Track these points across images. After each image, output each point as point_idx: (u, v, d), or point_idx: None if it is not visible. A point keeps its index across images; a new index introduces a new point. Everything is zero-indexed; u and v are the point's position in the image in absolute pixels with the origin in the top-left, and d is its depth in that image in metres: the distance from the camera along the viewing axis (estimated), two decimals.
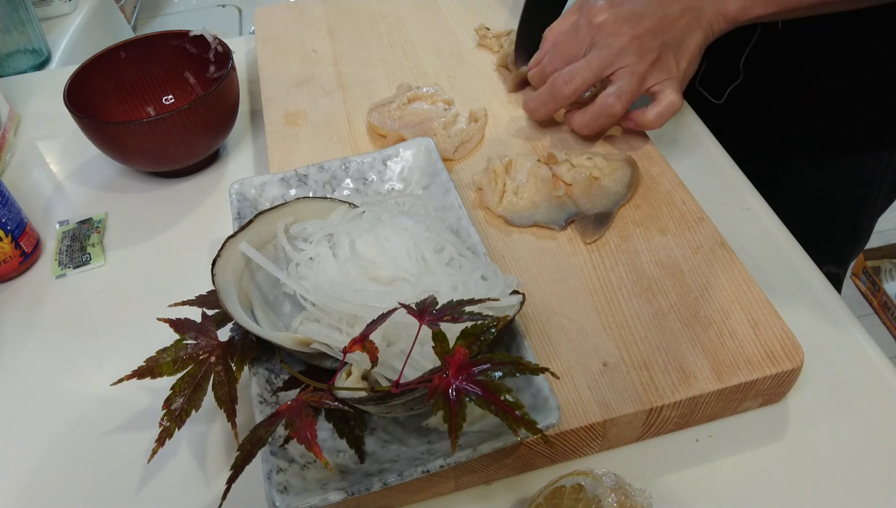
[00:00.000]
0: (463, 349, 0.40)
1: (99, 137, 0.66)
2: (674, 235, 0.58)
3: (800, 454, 0.48)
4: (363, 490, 0.40)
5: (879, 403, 0.50)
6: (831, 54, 0.73)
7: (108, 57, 0.73)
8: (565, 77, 0.63)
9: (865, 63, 0.73)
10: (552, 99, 0.65)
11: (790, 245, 0.61)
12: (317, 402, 0.43)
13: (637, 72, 0.61)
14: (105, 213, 0.70)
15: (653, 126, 0.64)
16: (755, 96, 0.79)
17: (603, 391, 0.48)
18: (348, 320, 0.46)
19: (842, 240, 0.87)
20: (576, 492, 0.42)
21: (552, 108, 0.66)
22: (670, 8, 0.61)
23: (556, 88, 0.64)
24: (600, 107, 0.62)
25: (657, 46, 0.61)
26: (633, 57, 0.60)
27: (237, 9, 1.88)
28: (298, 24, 0.86)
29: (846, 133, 0.78)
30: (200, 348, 0.47)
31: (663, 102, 0.62)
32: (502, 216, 0.60)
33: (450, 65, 0.79)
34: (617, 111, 0.62)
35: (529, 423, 0.38)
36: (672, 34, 0.61)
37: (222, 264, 0.49)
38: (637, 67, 0.61)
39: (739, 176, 0.67)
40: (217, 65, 0.74)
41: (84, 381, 0.56)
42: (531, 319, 0.52)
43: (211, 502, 0.48)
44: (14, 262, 0.63)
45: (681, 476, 0.47)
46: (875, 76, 0.73)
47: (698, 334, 0.51)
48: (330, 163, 0.61)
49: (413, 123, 0.68)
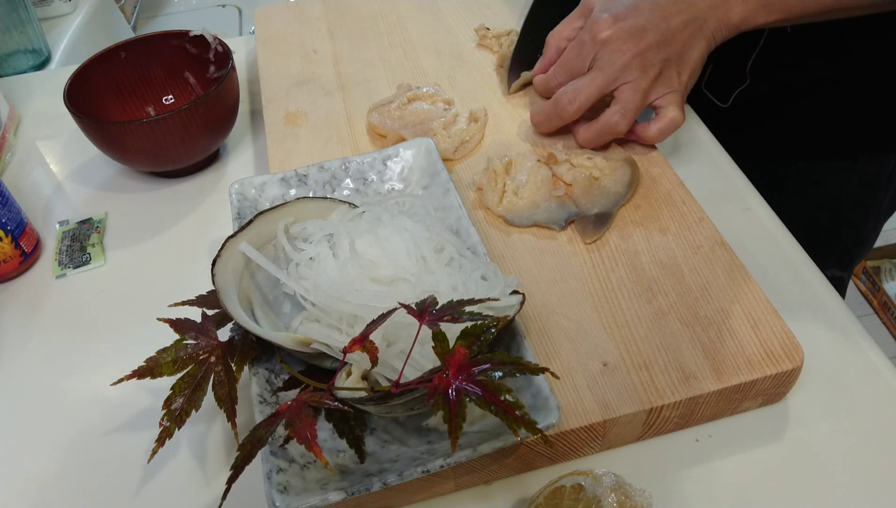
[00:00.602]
0: (463, 349, 0.40)
1: (99, 137, 0.66)
2: (674, 235, 0.58)
3: (800, 454, 0.48)
4: (363, 490, 0.40)
5: (879, 403, 0.50)
6: (839, 59, 0.73)
7: (108, 57, 0.73)
8: (569, 95, 0.64)
9: (873, 67, 0.73)
10: (557, 116, 0.66)
11: (790, 245, 0.61)
12: (317, 402, 0.43)
13: (640, 88, 0.62)
14: (105, 213, 0.70)
15: (654, 141, 0.65)
16: (762, 101, 0.79)
17: (603, 391, 0.48)
18: (348, 320, 0.46)
19: (846, 243, 0.87)
20: (576, 492, 0.42)
21: (556, 124, 0.67)
22: (673, 21, 0.61)
23: (560, 107, 0.65)
24: (605, 125, 0.63)
25: (660, 61, 0.61)
26: (637, 73, 0.61)
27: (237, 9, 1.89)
28: (298, 24, 0.86)
29: (852, 137, 0.78)
30: (200, 348, 0.47)
31: (665, 118, 0.63)
32: (502, 216, 0.60)
33: (450, 65, 0.79)
34: (621, 129, 0.63)
35: (529, 423, 0.38)
36: (674, 48, 0.61)
37: (222, 264, 0.49)
38: (640, 82, 0.61)
39: (739, 176, 0.67)
40: (217, 65, 0.74)
41: (84, 381, 0.56)
42: (531, 319, 0.52)
43: (211, 502, 0.48)
44: (14, 262, 0.63)
45: (681, 476, 0.47)
46: (882, 80, 0.73)
47: (698, 334, 0.51)
48: (330, 163, 0.61)
49: (413, 123, 0.68)
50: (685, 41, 0.61)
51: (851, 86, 0.74)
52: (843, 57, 0.72)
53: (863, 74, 0.73)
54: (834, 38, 0.71)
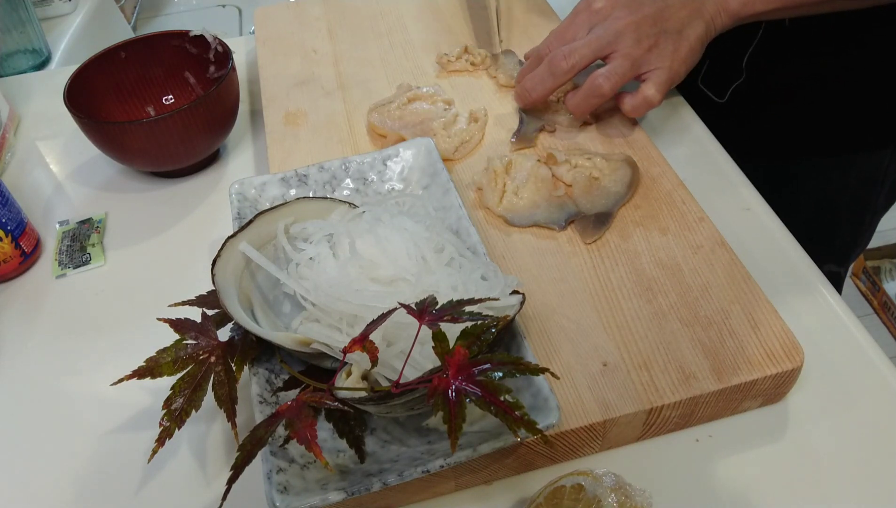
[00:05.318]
0: (463, 350, 0.40)
1: (99, 137, 0.66)
2: (674, 235, 0.58)
3: (800, 454, 0.48)
4: (363, 490, 0.40)
5: (879, 403, 0.50)
6: (835, 55, 0.73)
7: (108, 57, 0.73)
8: (564, 52, 0.63)
9: (869, 63, 0.73)
10: (550, 75, 0.64)
11: (790, 245, 0.61)
12: (317, 402, 0.43)
13: (631, 55, 0.62)
14: (105, 213, 0.70)
15: (629, 115, 0.66)
16: (758, 96, 0.79)
17: (603, 391, 0.48)
18: (348, 320, 0.46)
19: (844, 239, 0.87)
20: (576, 492, 0.42)
21: (550, 85, 0.65)
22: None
23: (554, 64, 0.63)
24: (590, 87, 0.63)
25: (655, 33, 0.62)
26: (630, 41, 0.61)
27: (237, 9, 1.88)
28: (298, 24, 0.86)
29: (849, 132, 0.78)
30: (200, 348, 0.47)
31: (640, 94, 0.64)
32: (502, 216, 0.60)
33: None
34: (605, 91, 0.63)
35: (529, 423, 0.38)
36: (672, 23, 0.62)
37: (222, 264, 0.49)
38: (632, 50, 0.62)
39: (739, 176, 0.67)
40: (217, 65, 0.74)
41: (84, 381, 0.56)
42: (531, 319, 0.52)
43: (211, 502, 0.48)
44: (14, 262, 0.63)
45: (681, 476, 0.47)
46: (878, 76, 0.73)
47: (698, 334, 0.51)
48: (330, 163, 0.61)
49: (413, 123, 0.68)
50: (683, 19, 0.62)
51: (848, 81, 0.74)
52: (840, 52, 0.72)
53: (859, 70, 0.73)
54: (831, 33, 0.71)
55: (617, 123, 0.69)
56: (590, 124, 0.69)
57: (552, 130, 0.68)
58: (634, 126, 0.68)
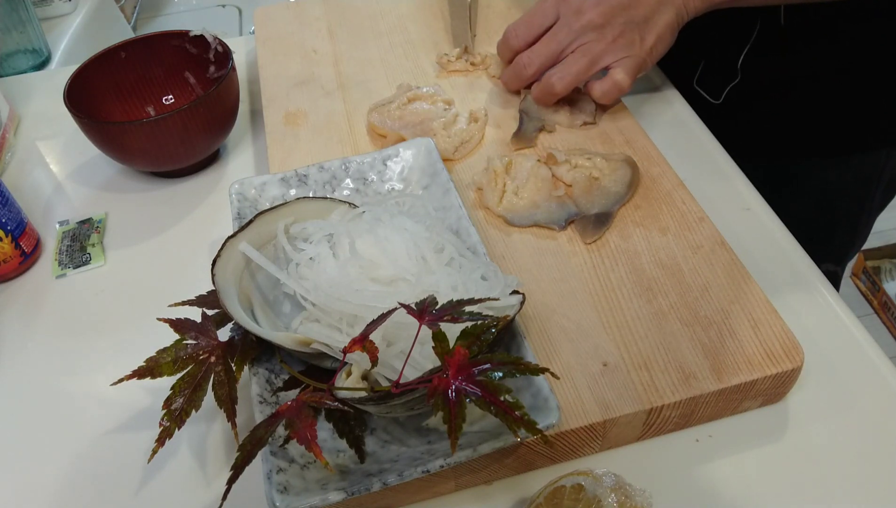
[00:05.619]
0: (463, 350, 0.40)
1: (99, 137, 0.66)
2: (674, 235, 0.58)
3: (800, 454, 0.48)
4: (363, 490, 0.40)
5: (879, 403, 0.50)
6: (830, 55, 0.73)
7: (108, 57, 0.73)
8: (525, 61, 0.67)
9: (864, 63, 0.73)
10: (517, 79, 0.69)
11: (790, 245, 0.61)
12: (317, 402, 0.43)
13: (590, 52, 0.63)
14: (105, 213, 0.70)
15: (599, 101, 0.67)
16: (753, 96, 0.79)
17: (603, 391, 0.48)
18: (348, 320, 0.46)
19: (841, 238, 0.87)
20: (576, 492, 0.42)
21: (519, 86, 0.71)
22: None
23: (518, 70, 0.68)
24: (545, 85, 0.66)
25: (621, 23, 0.62)
26: (593, 35, 0.62)
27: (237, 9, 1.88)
28: (298, 24, 0.86)
29: (845, 132, 0.78)
30: (200, 348, 0.47)
31: (609, 80, 0.65)
32: (502, 216, 0.60)
33: None
34: (557, 91, 0.66)
35: (529, 423, 0.38)
36: (639, 11, 0.62)
37: (222, 264, 0.49)
38: (593, 46, 0.63)
39: (739, 176, 0.67)
40: (217, 65, 0.74)
41: (84, 381, 0.56)
42: (531, 319, 0.52)
43: (211, 502, 0.48)
44: (14, 262, 0.63)
45: (681, 476, 0.47)
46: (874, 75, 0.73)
47: (698, 334, 0.51)
48: (330, 163, 0.61)
49: (413, 123, 0.68)
50: (652, 6, 0.62)
51: (843, 81, 0.74)
52: (835, 52, 0.72)
53: (854, 70, 0.73)
54: (825, 33, 0.71)
55: (617, 123, 0.69)
56: (590, 124, 0.69)
57: (552, 130, 0.69)
58: (634, 126, 0.68)
